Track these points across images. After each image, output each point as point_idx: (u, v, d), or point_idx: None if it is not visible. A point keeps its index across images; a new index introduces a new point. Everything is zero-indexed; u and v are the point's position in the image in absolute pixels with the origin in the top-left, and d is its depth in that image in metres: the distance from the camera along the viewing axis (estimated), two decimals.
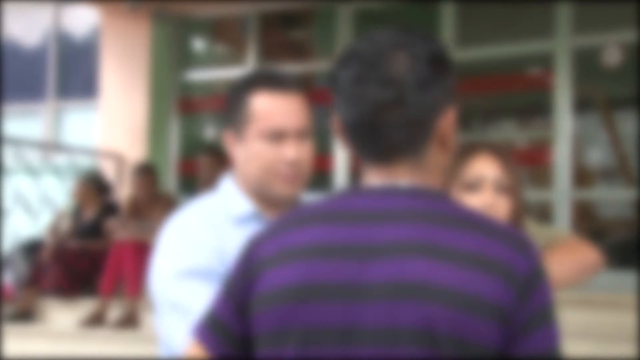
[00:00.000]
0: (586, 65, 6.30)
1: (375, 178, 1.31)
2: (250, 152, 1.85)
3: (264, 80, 1.88)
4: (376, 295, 1.19)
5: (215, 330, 1.34)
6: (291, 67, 7.24)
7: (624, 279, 5.79)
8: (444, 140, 1.30)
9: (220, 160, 6.05)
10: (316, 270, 1.23)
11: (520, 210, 2.06)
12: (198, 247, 1.81)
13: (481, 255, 1.19)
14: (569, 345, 2.11)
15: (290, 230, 1.30)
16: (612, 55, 6.25)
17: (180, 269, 1.78)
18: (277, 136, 1.84)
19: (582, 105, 6.46)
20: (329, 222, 1.27)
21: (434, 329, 1.16)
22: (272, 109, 1.84)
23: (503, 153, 2.07)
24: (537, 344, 1.19)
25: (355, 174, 6.94)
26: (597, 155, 7.42)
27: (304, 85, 1.92)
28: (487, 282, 1.18)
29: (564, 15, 6.25)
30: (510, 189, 2.03)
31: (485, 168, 2.03)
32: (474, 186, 2.02)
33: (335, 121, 1.34)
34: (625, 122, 7.17)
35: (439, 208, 1.26)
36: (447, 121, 1.30)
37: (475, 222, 1.24)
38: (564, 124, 6.20)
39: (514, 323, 1.18)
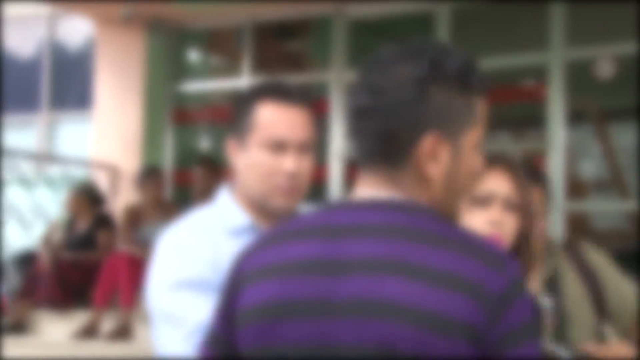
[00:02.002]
0: (579, 78, 6.32)
1: (361, 187, 1.31)
2: (250, 160, 1.86)
3: (271, 91, 1.89)
4: (345, 312, 1.19)
5: (213, 345, 1.35)
6: (286, 79, 7.23)
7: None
8: (420, 166, 1.27)
9: (214, 172, 6.06)
10: (290, 287, 1.24)
11: (530, 229, 2.04)
12: (192, 258, 1.81)
13: (451, 274, 1.18)
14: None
15: (273, 246, 1.30)
16: (605, 68, 6.28)
17: (174, 280, 1.79)
18: (278, 147, 1.84)
19: (576, 117, 6.48)
20: (308, 238, 1.27)
21: (397, 348, 1.15)
22: (276, 119, 1.85)
23: (517, 170, 2.05)
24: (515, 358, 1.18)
25: (349, 185, 6.94)
26: (591, 167, 7.44)
27: (313, 97, 1.93)
28: (456, 301, 1.16)
29: (557, 27, 6.27)
30: (520, 207, 2.02)
31: (496, 184, 2.01)
32: (483, 202, 2.01)
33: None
34: (619, 134, 7.20)
35: (415, 223, 1.24)
36: (426, 146, 1.26)
37: (451, 239, 1.23)
38: (558, 136, 6.21)
39: (488, 342, 1.17)
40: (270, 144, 1.84)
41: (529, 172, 2.24)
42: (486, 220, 1.98)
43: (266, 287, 1.26)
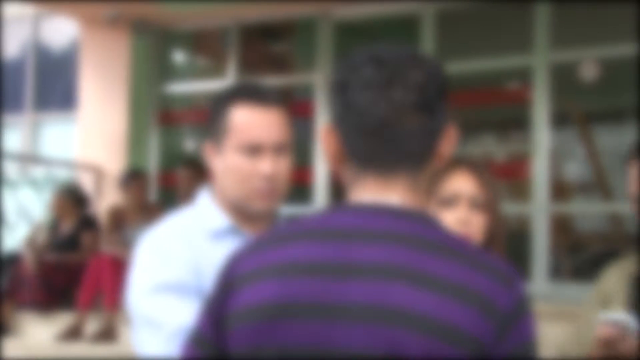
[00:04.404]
0: (564, 80, 6.35)
1: (366, 192, 1.29)
2: (227, 164, 1.85)
3: (245, 93, 1.88)
4: (352, 316, 1.18)
5: (198, 345, 1.33)
6: (271, 80, 7.25)
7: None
8: (440, 159, 1.32)
9: (199, 173, 6.04)
10: (293, 288, 1.22)
11: (497, 228, 2.08)
12: (172, 261, 1.80)
13: (462, 286, 1.19)
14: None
15: (271, 248, 1.28)
16: (590, 70, 6.31)
17: (154, 283, 1.78)
18: (253, 150, 1.84)
19: (560, 119, 6.51)
20: (311, 240, 1.25)
21: (405, 355, 1.15)
22: (250, 122, 1.84)
23: (480, 170, 2.09)
24: None
25: (335, 187, 6.94)
26: (575, 169, 7.48)
27: (284, 99, 1.92)
28: (465, 314, 1.17)
29: (542, 30, 6.30)
30: (486, 205, 2.05)
31: (461, 184, 2.05)
32: (449, 202, 2.04)
33: (328, 129, 1.32)
34: (603, 137, 7.24)
35: (425, 233, 1.25)
36: (449, 141, 1.32)
37: (461, 252, 1.24)
38: (542, 138, 6.24)
39: (493, 357, 1.18)
40: (245, 147, 1.83)
41: None
42: (453, 220, 2.01)
43: (265, 288, 1.23)
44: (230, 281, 1.30)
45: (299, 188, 6.91)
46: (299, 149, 1.97)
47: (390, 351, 1.16)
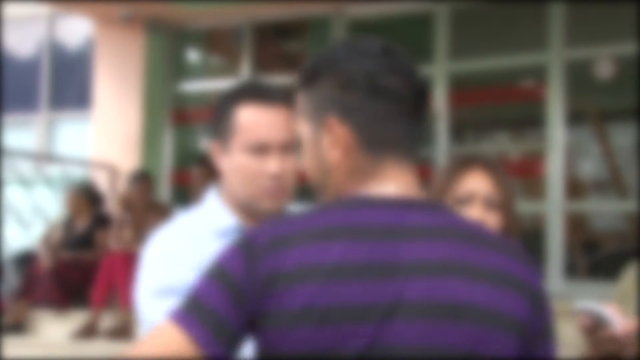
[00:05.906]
0: (579, 78, 6.32)
1: (386, 181, 1.28)
2: (234, 164, 1.85)
3: (250, 92, 1.87)
4: (416, 314, 1.18)
5: (204, 320, 1.21)
6: (285, 78, 7.24)
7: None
8: None
9: (212, 172, 6.04)
10: (350, 291, 1.18)
11: (512, 226, 2.07)
12: (178, 264, 1.79)
13: (503, 272, 1.22)
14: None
15: (312, 244, 1.21)
16: (605, 68, 6.27)
17: (158, 287, 1.78)
18: (260, 149, 1.83)
19: (575, 117, 6.48)
20: (354, 238, 1.21)
21: (478, 348, 1.17)
22: (256, 121, 1.83)
23: (496, 168, 2.08)
24: (544, 354, 1.25)
25: None
26: (590, 168, 7.44)
27: (293, 97, 1.91)
28: (514, 300, 1.21)
29: (556, 27, 6.27)
30: (501, 205, 2.04)
31: (476, 184, 2.04)
32: (464, 201, 2.03)
33: (338, 120, 1.28)
34: (618, 134, 7.20)
35: (457, 224, 1.26)
36: None
37: (490, 239, 1.27)
38: (557, 136, 6.21)
39: (530, 336, 1.22)
40: (252, 147, 1.82)
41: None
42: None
43: (321, 290, 1.18)
44: (267, 277, 1.20)
45: (307, 186, 6.90)
46: None
47: (464, 346, 1.17)
